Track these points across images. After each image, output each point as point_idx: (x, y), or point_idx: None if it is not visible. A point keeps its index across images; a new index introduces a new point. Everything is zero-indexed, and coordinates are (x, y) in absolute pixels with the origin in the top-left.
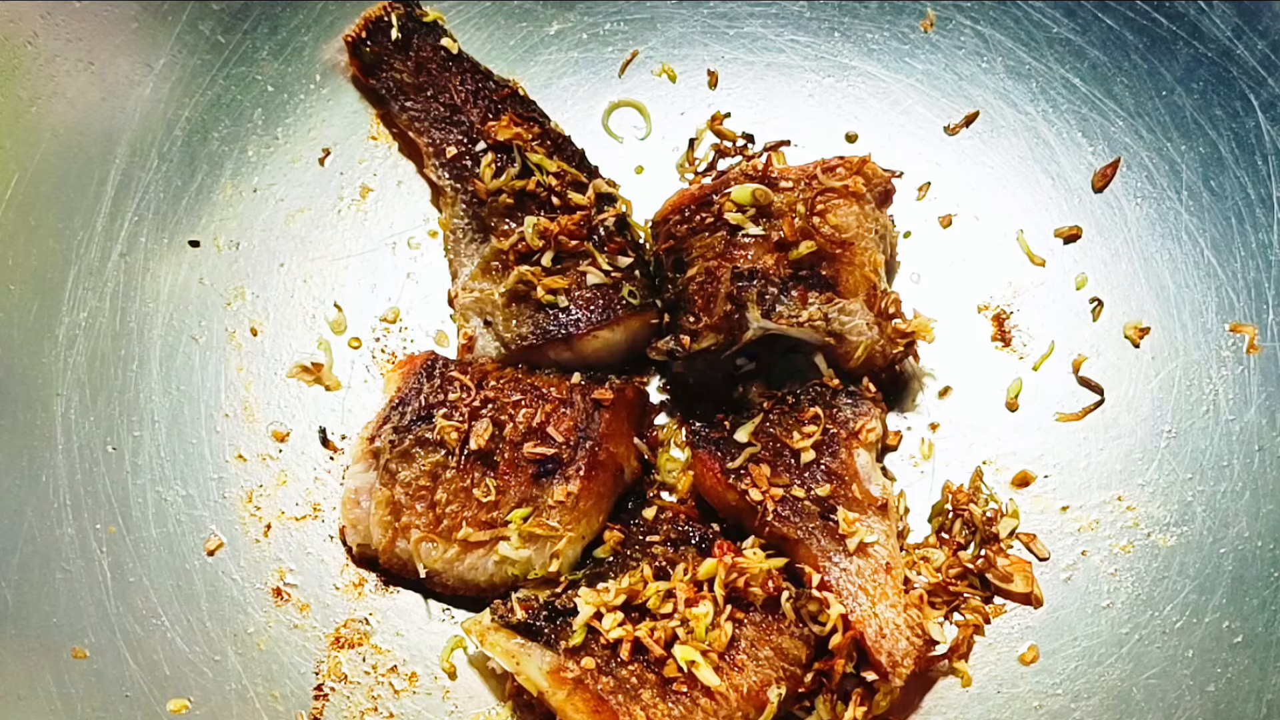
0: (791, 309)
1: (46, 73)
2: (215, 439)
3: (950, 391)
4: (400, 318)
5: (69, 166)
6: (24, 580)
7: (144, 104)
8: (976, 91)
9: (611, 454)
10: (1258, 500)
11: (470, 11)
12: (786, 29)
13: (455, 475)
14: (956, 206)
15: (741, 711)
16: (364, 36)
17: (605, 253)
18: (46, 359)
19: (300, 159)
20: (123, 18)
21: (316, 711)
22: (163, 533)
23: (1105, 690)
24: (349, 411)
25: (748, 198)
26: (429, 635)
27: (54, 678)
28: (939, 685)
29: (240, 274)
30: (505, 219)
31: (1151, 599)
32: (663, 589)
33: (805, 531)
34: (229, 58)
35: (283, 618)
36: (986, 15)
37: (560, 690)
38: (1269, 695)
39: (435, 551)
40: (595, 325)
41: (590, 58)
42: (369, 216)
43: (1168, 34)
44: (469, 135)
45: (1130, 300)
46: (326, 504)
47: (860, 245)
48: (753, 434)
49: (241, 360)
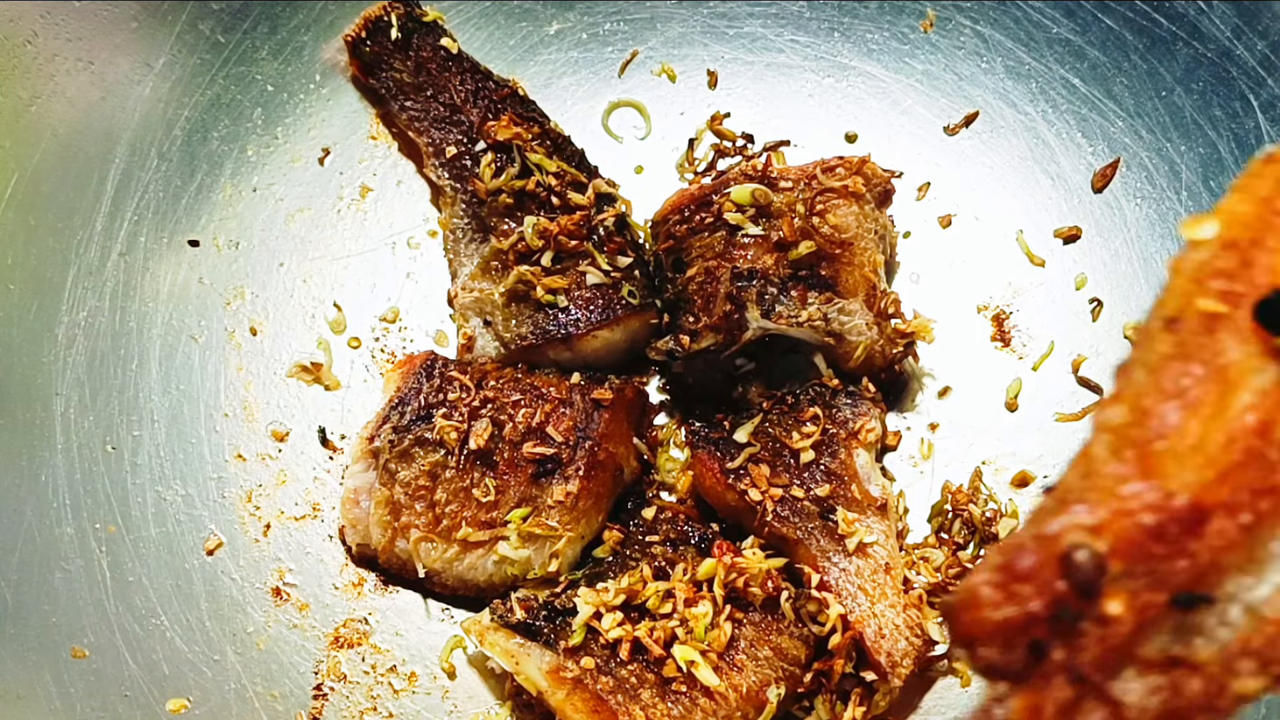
0: (791, 309)
1: (46, 72)
2: (215, 439)
3: (950, 391)
4: (400, 317)
5: (69, 166)
6: (23, 580)
7: (144, 104)
8: (976, 91)
9: (611, 454)
10: None
11: (470, 11)
12: (786, 29)
13: (455, 475)
14: (956, 206)
15: (741, 711)
16: (364, 36)
17: (605, 253)
18: (46, 358)
19: (300, 159)
20: (123, 17)
21: (316, 711)
22: (162, 532)
23: None
24: (348, 411)
25: (747, 198)
26: (428, 635)
27: (53, 677)
28: (938, 685)
29: (240, 274)
30: (505, 219)
31: None
32: (662, 589)
33: (805, 531)
34: (229, 57)
35: (282, 617)
36: (986, 15)
37: (559, 690)
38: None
39: (434, 551)
40: (595, 325)
41: (590, 58)
42: (369, 216)
43: (1167, 34)
44: (469, 135)
45: (1130, 300)
46: (326, 504)
47: (860, 245)
48: (752, 434)
49: (241, 360)
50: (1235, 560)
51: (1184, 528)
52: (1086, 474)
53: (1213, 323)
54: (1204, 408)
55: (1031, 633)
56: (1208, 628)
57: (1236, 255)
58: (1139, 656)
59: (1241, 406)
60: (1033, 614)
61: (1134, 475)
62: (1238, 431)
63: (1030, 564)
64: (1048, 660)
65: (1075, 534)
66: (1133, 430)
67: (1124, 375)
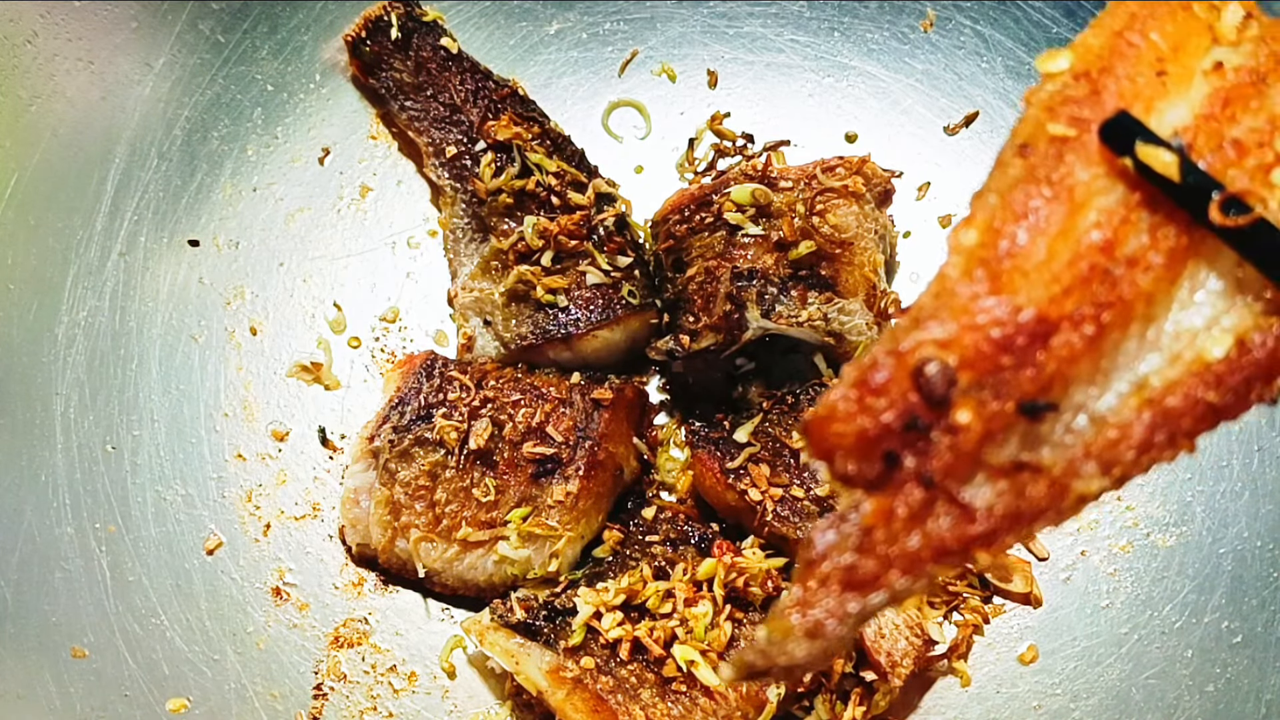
0: (791, 309)
1: (46, 72)
2: (215, 438)
3: None
4: (400, 317)
5: (69, 166)
6: (23, 579)
7: (144, 103)
8: (976, 91)
9: (611, 454)
10: (1257, 500)
11: (470, 11)
12: (786, 29)
13: (455, 475)
14: (956, 206)
15: (740, 711)
16: (364, 36)
17: (605, 252)
18: (46, 358)
19: (300, 158)
20: (123, 17)
21: (316, 711)
22: (162, 532)
23: (1104, 690)
24: (348, 411)
25: (747, 198)
26: (428, 635)
27: (53, 677)
28: (938, 685)
29: (240, 273)
30: (505, 219)
31: (1151, 599)
32: (662, 589)
33: (804, 531)
34: (229, 57)
35: (282, 617)
36: (986, 15)
37: (559, 690)
38: (1268, 695)
39: (434, 551)
40: (595, 325)
41: (590, 57)
42: (369, 216)
43: None
44: (469, 135)
45: None
46: (326, 503)
47: (860, 245)
48: (752, 434)
49: (241, 360)
50: (1081, 372)
51: (1030, 340)
52: (939, 293)
53: (1062, 147)
54: (1051, 227)
55: (885, 444)
56: (1053, 436)
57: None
58: (987, 463)
59: (1088, 224)
60: (886, 425)
61: (984, 292)
62: (1084, 249)
63: (883, 378)
64: (901, 469)
65: (926, 349)
66: (983, 250)
67: (978, 200)
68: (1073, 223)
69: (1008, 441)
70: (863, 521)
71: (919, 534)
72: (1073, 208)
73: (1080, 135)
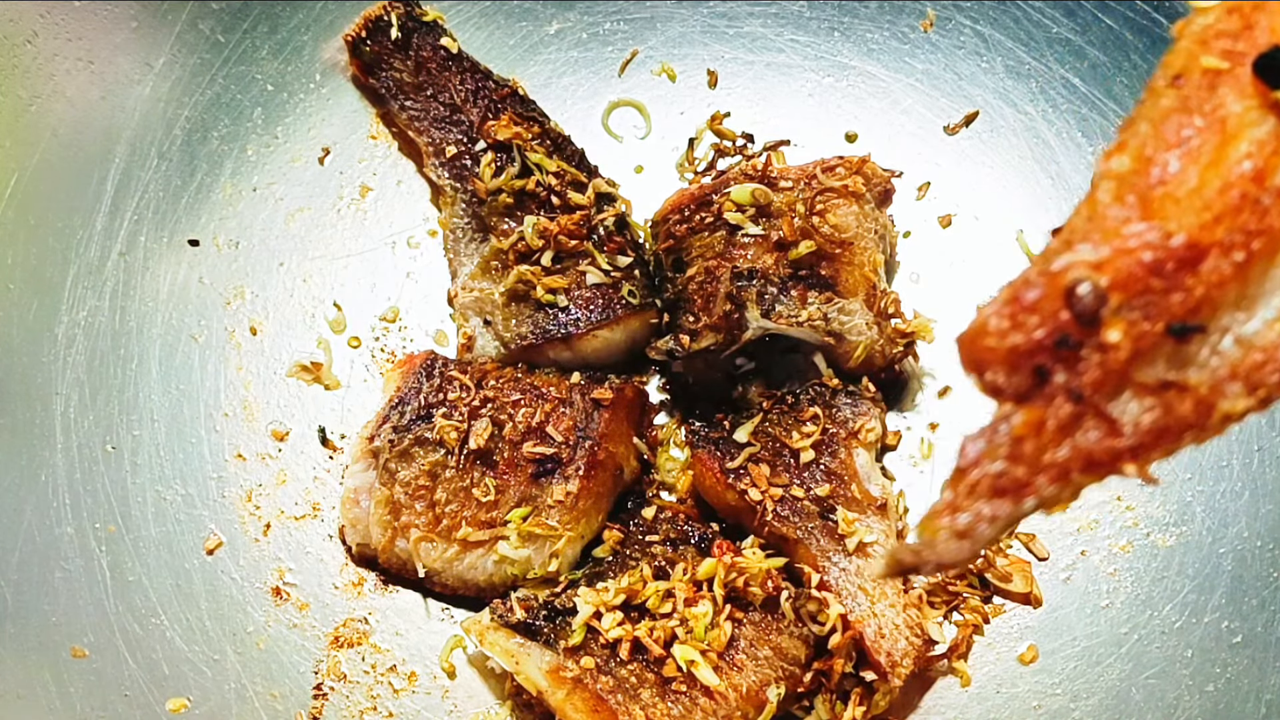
0: (791, 309)
1: (46, 72)
2: (215, 438)
3: (950, 391)
4: (400, 317)
5: (69, 166)
6: (23, 579)
7: (144, 103)
8: (976, 91)
9: (611, 454)
10: (1257, 500)
11: (470, 11)
12: (786, 29)
13: (455, 475)
14: (956, 206)
15: (740, 711)
16: (364, 36)
17: (605, 252)
18: (46, 358)
19: (300, 158)
20: (123, 17)
21: (316, 711)
22: (162, 532)
23: (1104, 690)
24: (348, 411)
25: (747, 198)
26: (428, 635)
27: (53, 677)
28: (938, 685)
29: (240, 273)
30: (505, 219)
31: (1151, 599)
32: (662, 589)
33: (805, 531)
34: (229, 57)
35: (282, 617)
36: (986, 15)
37: (559, 689)
38: (1268, 695)
39: (434, 551)
40: (595, 325)
41: (590, 57)
42: (368, 216)
43: (1168, 34)
44: (469, 135)
45: None
46: (326, 503)
47: (860, 245)
48: (752, 434)
49: (241, 360)
50: (1228, 296)
51: (1180, 264)
52: (1091, 217)
53: (1215, 79)
54: (1203, 156)
55: (1037, 359)
56: (1200, 357)
57: (1239, 18)
58: (1136, 381)
59: (1239, 155)
60: (1038, 341)
61: (1135, 217)
62: (1235, 178)
63: (1036, 296)
64: (1050, 383)
65: (1079, 270)
66: (1135, 177)
67: (1129, 128)
68: (1224, 152)
69: (1156, 361)
70: (1013, 432)
71: (1068, 445)
72: (1225, 138)
73: (1234, 68)
